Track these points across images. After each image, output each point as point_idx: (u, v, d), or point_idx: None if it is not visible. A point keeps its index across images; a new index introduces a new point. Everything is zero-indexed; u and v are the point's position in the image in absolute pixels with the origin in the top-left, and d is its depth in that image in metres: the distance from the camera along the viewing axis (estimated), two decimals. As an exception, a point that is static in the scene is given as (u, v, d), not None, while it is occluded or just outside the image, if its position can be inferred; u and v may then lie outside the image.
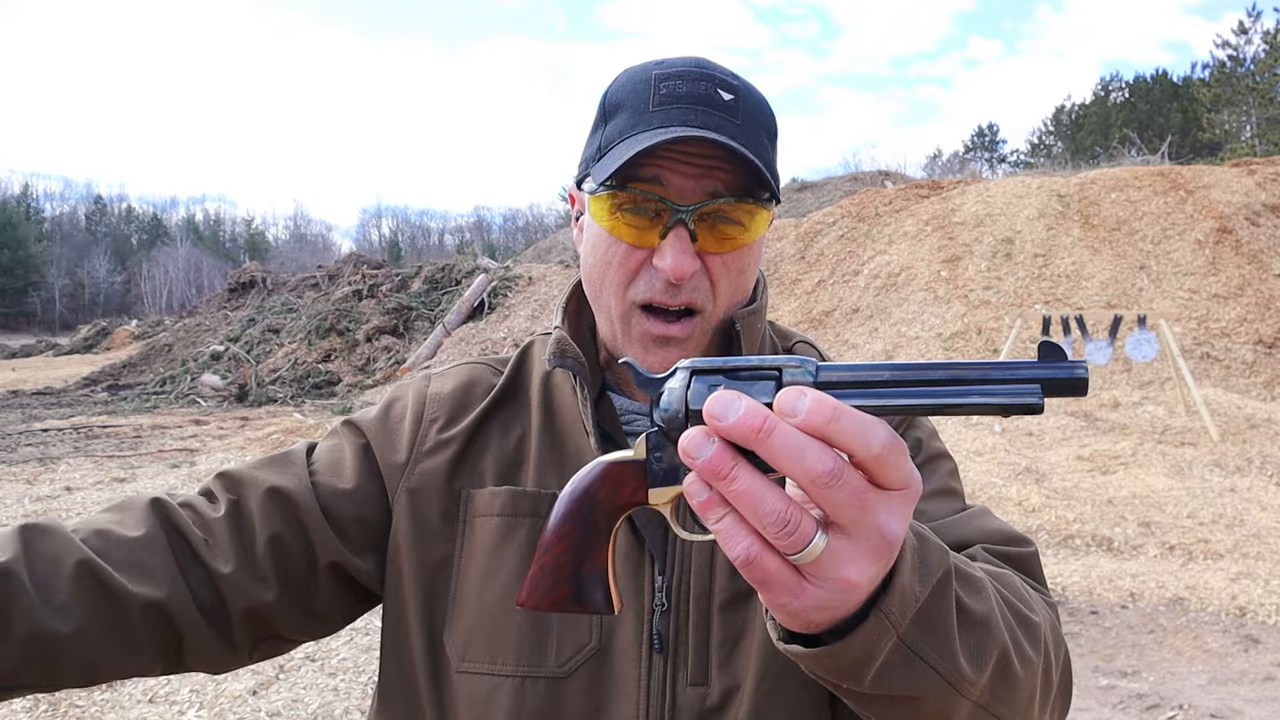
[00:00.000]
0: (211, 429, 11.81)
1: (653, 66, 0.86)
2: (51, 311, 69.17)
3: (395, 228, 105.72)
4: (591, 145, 0.88)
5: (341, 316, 18.84)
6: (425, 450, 0.91)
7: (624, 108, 0.85)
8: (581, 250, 0.92)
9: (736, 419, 0.49)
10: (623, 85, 0.87)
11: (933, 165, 48.33)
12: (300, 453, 0.94)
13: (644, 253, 0.84)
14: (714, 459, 0.50)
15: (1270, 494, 6.87)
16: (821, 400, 0.49)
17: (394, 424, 0.95)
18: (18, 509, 6.72)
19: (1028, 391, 0.50)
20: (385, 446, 0.93)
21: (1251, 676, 4.01)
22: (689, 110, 0.82)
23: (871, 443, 0.49)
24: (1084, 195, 14.09)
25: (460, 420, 0.93)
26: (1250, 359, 10.76)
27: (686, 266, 0.81)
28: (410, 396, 0.97)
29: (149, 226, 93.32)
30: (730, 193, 0.82)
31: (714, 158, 0.81)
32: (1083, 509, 6.57)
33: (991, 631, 0.65)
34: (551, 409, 0.93)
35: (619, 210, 0.83)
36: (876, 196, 16.44)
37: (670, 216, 0.81)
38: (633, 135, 0.82)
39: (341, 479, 0.91)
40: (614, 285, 0.86)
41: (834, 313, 13.39)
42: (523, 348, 1.01)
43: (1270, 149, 31.30)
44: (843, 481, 0.49)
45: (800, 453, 0.48)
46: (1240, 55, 42.86)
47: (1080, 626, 4.66)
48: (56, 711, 3.55)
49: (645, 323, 0.85)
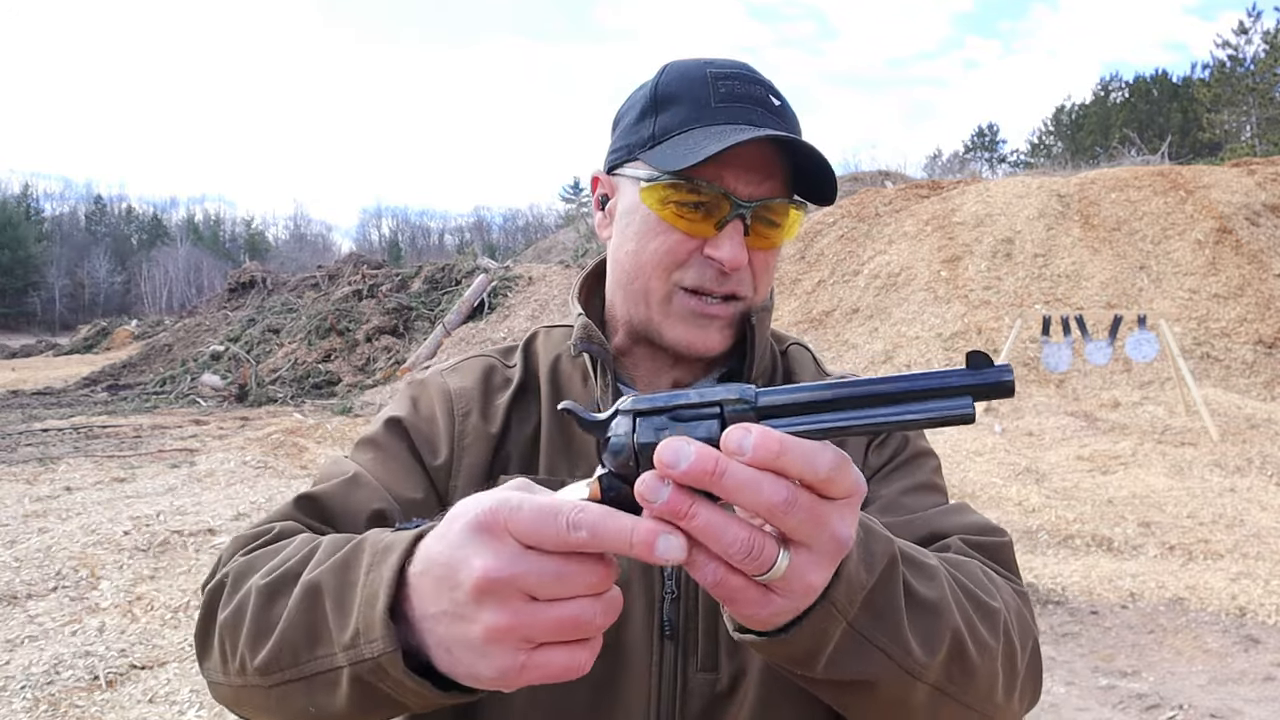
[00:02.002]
0: (211, 429, 11.81)
1: (705, 64, 0.89)
2: (51, 311, 69.15)
3: (395, 228, 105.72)
4: (639, 132, 0.89)
5: (341, 316, 18.84)
6: (466, 444, 0.92)
7: (680, 100, 0.87)
8: (615, 234, 0.93)
9: (688, 465, 0.50)
10: (677, 78, 0.89)
11: (933, 165, 48.30)
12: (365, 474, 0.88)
13: (696, 241, 0.87)
14: (671, 501, 0.51)
15: (1270, 494, 6.87)
16: (766, 435, 0.50)
17: (427, 423, 0.93)
18: (18, 509, 6.72)
19: (960, 405, 0.52)
20: (426, 449, 0.92)
21: (1251, 676, 4.01)
22: (751, 110, 0.85)
23: (819, 468, 0.51)
24: (1084, 195, 14.09)
25: (490, 410, 0.94)
26: (1250, 359, 10.76)
27: (742, 258, 0.86)
28: (433, 394, 0.96)
29: (149, 226, 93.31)
30: (782, 195, 0.87)
31: (771, 161, 0.85)
32: (1083, 509, 6.57)
33: (942, 615, 0.67)
34: (560, 398, 0.94)
35: (673, 201, 0.85)
36: (876, 196, 16.44)
37: (731, 211, 0.84)
38: (697, 128, 0.85)
39: (411, 488, 0.89)
40: (661, 269, 0.88)
41: (834, 313, 13.39)
42: (527, 339, 1.03)
43: (1270, 149, 31.30)
44: (797, 505, 0.51)
45: (754, 488, 0.50)
46: (1240, 55, 42.86)
47: (1080, 626, 4.66)
48: (56, 711, 3.55)
49: (690, 301, 0.88)
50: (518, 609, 0.53)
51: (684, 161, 0.82)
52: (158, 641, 4.26)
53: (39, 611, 4.60)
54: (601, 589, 0.54)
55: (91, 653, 4.06)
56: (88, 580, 5.08)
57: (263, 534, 0.80)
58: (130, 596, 4.83)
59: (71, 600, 4.77)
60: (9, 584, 4.95)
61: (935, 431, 9.32)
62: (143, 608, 4.67)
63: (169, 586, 4.98)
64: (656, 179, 0.85)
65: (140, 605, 4.70)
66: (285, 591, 0.67)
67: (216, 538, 5.94)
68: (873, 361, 11.75)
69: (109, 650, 4.11)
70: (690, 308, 0.88)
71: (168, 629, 4.41)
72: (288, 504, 0.86)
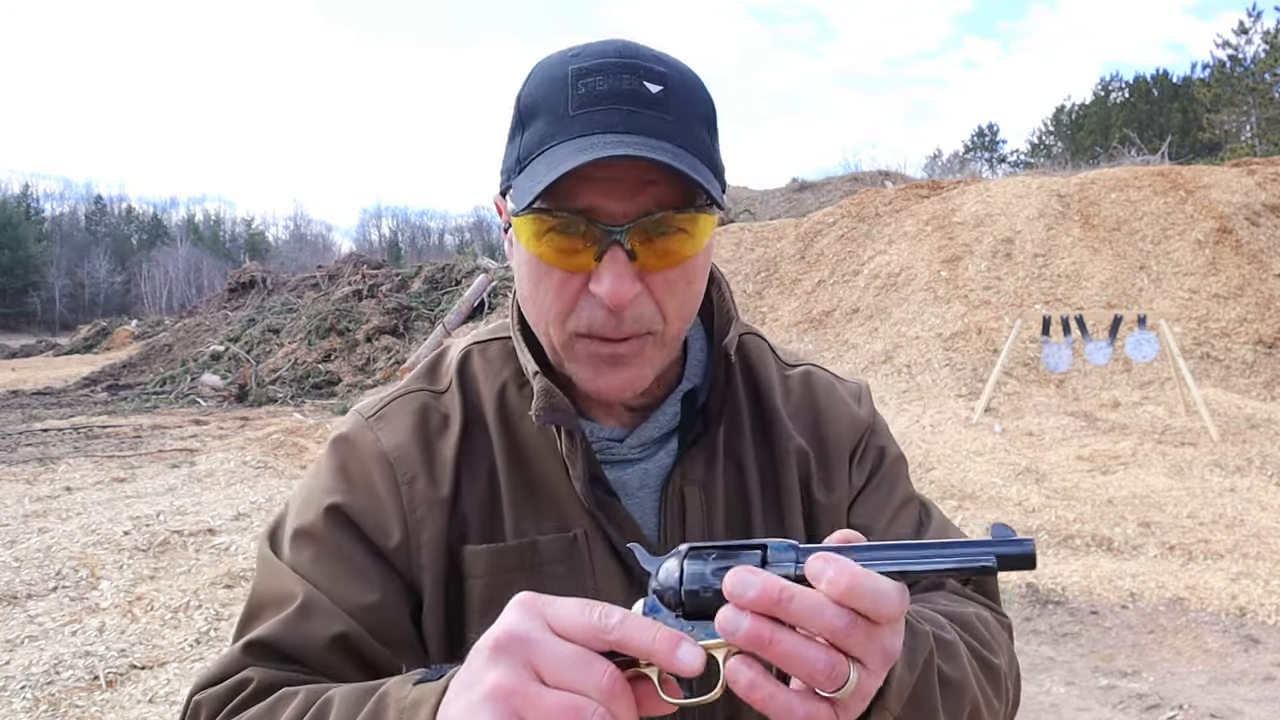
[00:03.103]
0: (211, 429, 11.81)
1: (569, 59, 0.75)
2: (51, 311, 69.13)
3: (395, 228, 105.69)
4: (510, 155, 0.77)
5: (341, 316, 18.84)
6: (418, 517, 0.81)
7: (540, 111, 0.74)
8: (514, 271, 0.82)
9: (756, 593, 0.53)
10: (538, 84, 0.76)
11: (933, 165, 48.30)
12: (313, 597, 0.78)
13: (580, 278, 0.74)
14: (754, 629, 0.53)
15: (1270, 494, 6.87)
16: (841, 570, 0.54)
17: (368, 501, 0.81)
18: (18, 509, 6.72)
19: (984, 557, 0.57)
20: (376, 533, 0.80)
21: (1251, 676, 4.01)
22: (612, 112, 0.72)
23: (883, 609, 0.54)
24: (1084, 195, 14.09)
25: (436, 470, 0.82)
26: (1250, 359, 10.76)
27: (625, 291, 0.72)
28: (367, 461, 0.83)
29: (149, 226, 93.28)
30: (668, 205, 0.72)
31: (646, 169, 0.71)
32: (1083, 509, 6.57)
33: (965, 692, 0.74)
34: (515, 440, 0.84)
35: (546, 234, 0.73)
36: (876, 196, 16.44)
37: (605, 238, 0.72)
38: (552, 146, 0.72)
39: (364, 591, 0.79)
40: (553, 316, 0.77)
41: (834, 313, 13.39)
42: (459, 362, 0.89)
43: (1270, 149, 31.29)
44: (857, 628, 0.54)
45: (819, 612, 0.53)
46: (1240, 55, 42.86)
47: (1080, 626, 4.66)
48: (56, 711, 3.55)
49: (591, 345, 0.77)
50: (524, 678, 0.53)
51: (530, 195, 0.70)
52: (158, 641, 4.26)
53: (39, 611, 4.60)
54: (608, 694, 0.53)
55: (91, 653, 4.07)
56: (88, 580, 5.08)
57: (236, 690, 0.73)
58: (130, 596, 4.83)
59: (71, 600, 4.77)
60: (9, 584, 4.95)
61: (935, 431, 9.26)
62: (143, 608, 4.67)
63: (169, 586, 4.98)
64: (521, 214, 0.73)
65: (140, 605, 4.70)
66: None
67: (216, 538, 5.94)
68: (873, 361, 11.76)
69: (109, 650, 4.11)
70: (593, 351, 0.77)
71: (168, 629, 4.41)
72: (237, 652, 0.76)
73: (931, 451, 8.36)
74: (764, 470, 0.89)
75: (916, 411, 9.83)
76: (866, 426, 0.97)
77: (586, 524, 0.82)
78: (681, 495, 0.84)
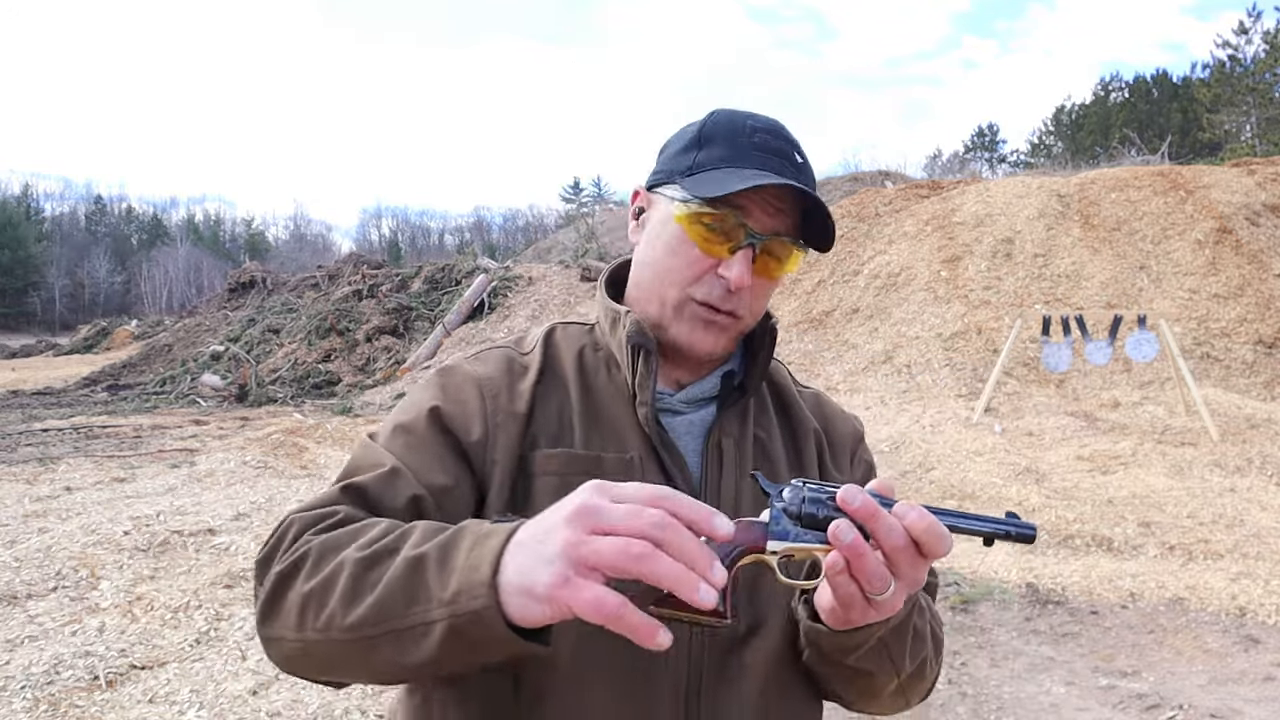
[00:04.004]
0: (211, 429, 11.81)
1: (746, 116, 1.06)
2: (51, 311, 69.12)
3: (395, 228, 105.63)
4: (682, 161, 1.04)
5: (341, 316, 18.84)
6: (498, 422, 1.00)
7: (719, 141, 1.03)
8: (644, 242, 1.08)
9: (859, 504, 0.78)
10: (719, 123, 1.05)
11: (933, 165, 48.32)
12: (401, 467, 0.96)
13: (711, 261, 1.01)
14: (855, 541, 0.77)
15: (1270, 494, 6.88)
16: (921, 515, 0.78)
17: (460, 406, 1.01)
18: (18, 509, 6.72)
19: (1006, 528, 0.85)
20: (461, 429, 0.99)
21: (1251, 676, 4.01)
22: (776, 161, 1.01)
23: (935, 548, 0.79)
24: (1084, 195, 14.08)
25: (515, 393, 1.03)
26: (1250, 359, 10.76)
27: (748, 280, 1.00)
28: (462, 379, 1.04)
29: (149, 226, 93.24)
30: (790, 234, 1.02)
31: (785, 203, 1.01)
32: (1083, 509, 6.57)
33: (924, 642, 1.00)
34: (588, 385, 1.06)
35: (701, 223, 1.00)
36: (876, 196, 16.44)
37: (744, 239, 1.00)
38: (731, 167, 1.00)
39: (442, 474, 0.96)
40: (679, 279, 1.02)
41: (834, 313, 13.39)
42: (546, 331, 1.13)
43: (1270, 149, 31.30)
44: (910, 553, 0.79)
45: (892, 531, 0.78)
46: (1240, 55, 42.86)
47: (1080, 626, 4.66)
48: (56, 711, 3.55)
49: (699, 310, 1.02)
50: (586, 536, 0.69)
51: (715, 191, 0.97)
52: (158, 641, 4.26)
53: (39, 611, 4.60)
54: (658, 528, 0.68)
55: (91, 653, 4.06)
56: (88, 580, 5.08)
57: (327, 516, 0.89)
58: (130, 596, 4.83)
59: (71, 600, 4.77)
60: (9, 584, 4.95)
61: (935, 431, 9.23)
62: (143, 608, 4.67)
63: (169, 586, 4.98)
64: (689, 201, 1.00)
65: (140, 605, 4.70)
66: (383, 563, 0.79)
67: (216, 538, 5.94)
68: (873, 361, 11.76)
69: (109, 650, 4.11)
70: (699, 314, 1.02)
71: (168, 629, 4.41)
72: (334, 490, 0.94)
73: (931, 451, 8.36)
74: (786, 441, 1.13)
75: (916, 411, 9.83)
76: (861, 438, 1.22)
77: (643, 450, 1.01)
78: (719, 445, 1.05)
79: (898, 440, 8.80)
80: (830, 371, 11.95)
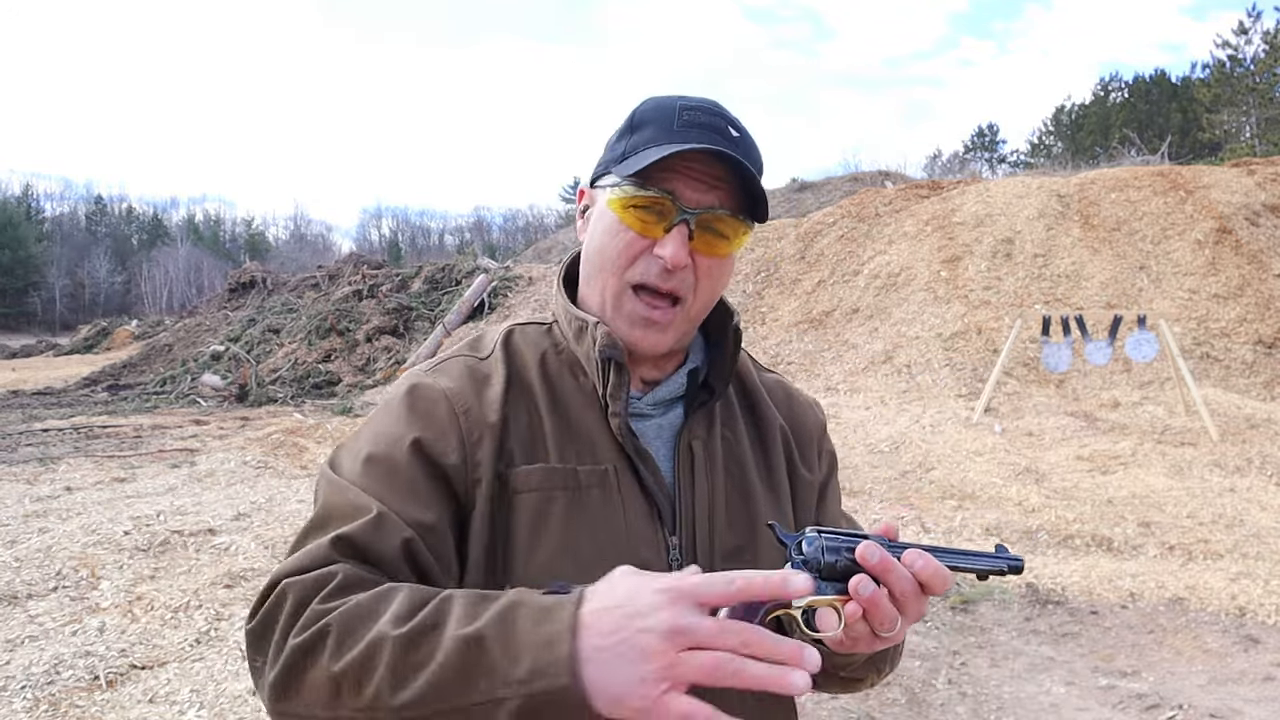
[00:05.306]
0: (212, 429, 11.81)
1: (677, 98, 1.03)
2: (52, 311, 69.09)
3: (395, 228, 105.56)
4: (615, 150, 1.03)
5: (341, 316, 18.84)
6: (474, 441, 0.97)
7: (649, 124, 1.01)
8: (587, 237, 1.06)
9: (878, 560, 0.83)
10: (650, 108, 1.03)
11: (933, 165, 48.30)
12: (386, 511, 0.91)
13: (646, 242, 0.98)
14: (874, 595, 0.83)
15: (1270, 494, 6.88)
16: (928, 562, 0.85)
17: (434, 428, 0.96)
18: (18, 509, 6.72)
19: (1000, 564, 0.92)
20: (440, 452, 0.95)
21: (1251, 676, 4.01)
22: (707, 135, 0.98)
23: (938, 588, 0.86)
24: (1084, 195, 14.08)
25: (486, 404, 0.99)
26: (1250, 359, 10.76)
27: (683, 257, 0.97)
28: (431, 397, 0.99)
29: (149, 226, 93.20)
30: (727, 208, 0.98)
31: (719, 178, 0.98)
32: (1083, 509, 6.57)
33: (899, 647, 1.09)
34: (555, 394, 1.03)
35: (633, 205, 0.98)
36: (876, 196, 16.44)
37: (676, 216, 0.97)
38: (657, 145, 0.97)
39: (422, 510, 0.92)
40: (615, 266, 1.00)
41: (834, 313, 13.39)
42: (504, 336, 1.09)
43: (1270, 149, 31.30)
44: (916, 595, 0.85)
45: (903, 579, 0.84)
46: (1240, 55, 42.85)
47: (1080, 626, 4.66)
48: (57, 711, 3.55)
49: (635, 303, 1.00)
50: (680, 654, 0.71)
51: (637, 166, 0.95)
52: (158, 641, 4.26)
53: (39, 611, 4.60)
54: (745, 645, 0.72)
55: (91, 653, 4.07)
56: (88, 580, 5.08)
57: (325, 580, 0.84)
58: (130, 596, 4.83)
59: (72, 600, 4.78)
60: (9, 584, 4.96)
61: (935, 430, 9.22)
62: (143, 608, 4.67)
63: (169, 586, 4.98)
64: (620, 185, 0.98)
65: (140, 605, 4.70)
66: (428, 640, 0.78)
67: (216, 538, 5.94)
68: (873, 361, 11.76)
69: (109, 650, 4.11)
70: (635, 309, 1.00)
71: (168, 629, 4.41)
72: (322, 547, 0.88)
73: (931, 451, 8.36)
74: (753, 440, 1.12)
75: (916, 411, 9.82)
76: (824, 427, 1.22)
77: (617, 460, 1.00)
78: (690, 447, 1.05)
79: (898, 440, 8.80)
80: (830, 371, 11.95)
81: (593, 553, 0.94)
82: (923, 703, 3.81)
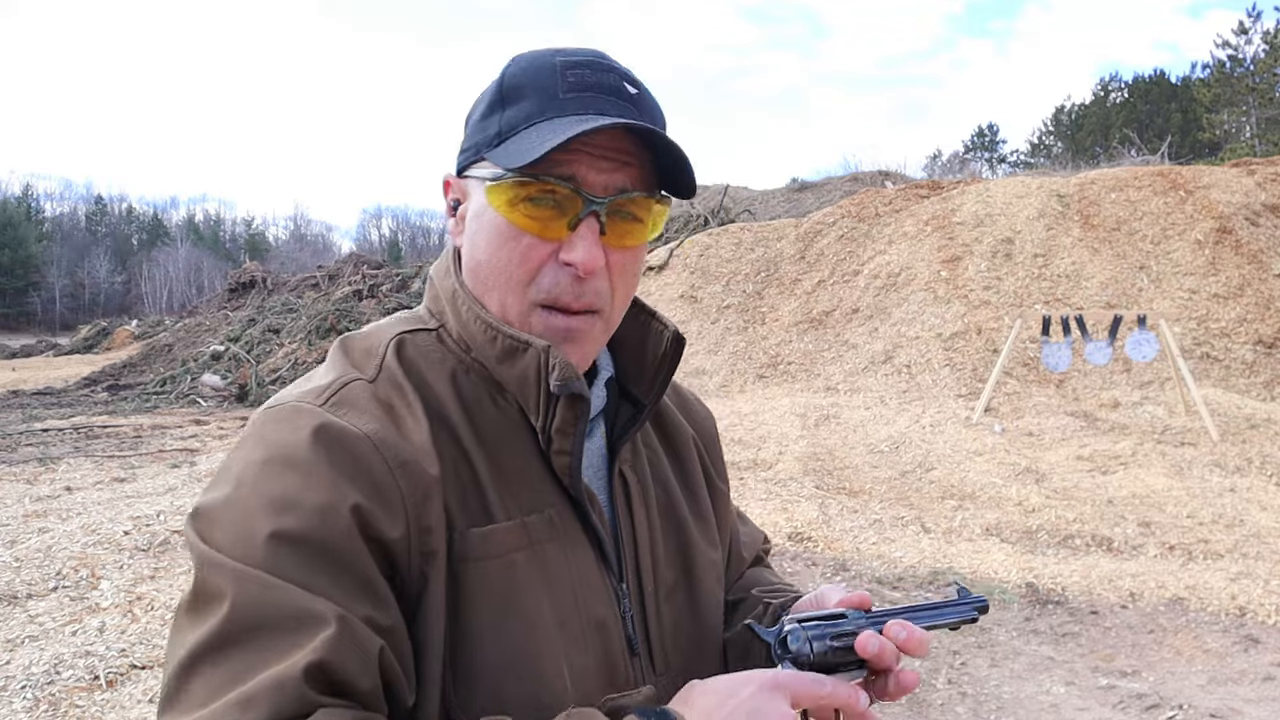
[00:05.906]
0: (212, 429, 11.81)
1: (554, 53, 0.81)
2: (52, 311, 69.08)
3: (395, 228, 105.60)
4: (486, 130, 0.82)
5: (341, 316, 18.84)
6: (417, 503, 0.74)
7: (527, 93, 0.79)
8: (465, 240, 0.84)
9: (876, 649, 0.82)
10: (523, 70, 0.81)
11: (933, 165, 48.25)
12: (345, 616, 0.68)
13: (549, 247, 0.79)
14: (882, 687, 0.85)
15: (1270, 494, 6.87)
16: (911, 633, 0.84)
17: (369, 492, 0.72)
18: (18, 509, 6.72)
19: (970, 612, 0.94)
20: (386, 526, 0.72)
21: (1251, 676, 4.01)
22: (602, 100, 0.78)
23: (920, 652, 0.85)
24: (1084, 195, 14.08)
25: (420, 453, 0.76)
26: (1250, 359, 10.76)
27: (598, 259, 0.78)
28: (345, 440, 0.74)
29: (149, 226, 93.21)
30: (640, 188, 0.80)
31: (627, 151, 0.79)
32: (1083, 509, 6.57)
33: None
34: (478, 426, 0.82)
35: (522, 201, 0.78)
36: (876, 196, 16.44)
37: (583, 208, 0.77)
38: (543, 121, 0.77)
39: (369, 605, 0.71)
40: (514, 281, 0.80)
41: (834, 313, 13.39)
42: (394, 349, 0.84)
43: (1270, 149, 31.29)
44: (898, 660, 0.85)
45: (890, 656, 0.83)
46: (1240, 55, 42.84)
47: (1080, 626, 4.66)
48: (56, 711, 3.55)
49: (549, 318, 0.81)
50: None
51: (528, 156, 0.74)
52: (158, 641, 4.26)
53: (39, 611, 4.60)
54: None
55: (92, 653, 4.07)
56: (88, 580, 5.08)
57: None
58: (130, 596, 4.83)
59: (72, 600, 4.77)
60: (9, 584, 4.96)
61: (935, 430, 9.23)
62: (143, 608, 4.67)
63: (169, 586, 4.98)
64: (502, 178, 0.78)
65: (140, 605, 4.70)
66: None
67: (217, 538, 5.93)
68: (873, 361, 11.76)
69: (109, 650, 4.11)
70: (550, 324, 0.80)
71: (168, 629, 4.41)
72: (296, 681, 0.64)
73: (931, 451, 8.36)
74: (669, 455, 0.99)
75: (916, 411, 9.83)
76: (716, 426, 1.11)
77: (556, 502, 0.83)
78: (623, 475, 0.90)
79: (898, 440, 8.80)
80: (830, 371, 11.96)
81: (554, 620, 0.79)
82: (922, 703, 3.81)
